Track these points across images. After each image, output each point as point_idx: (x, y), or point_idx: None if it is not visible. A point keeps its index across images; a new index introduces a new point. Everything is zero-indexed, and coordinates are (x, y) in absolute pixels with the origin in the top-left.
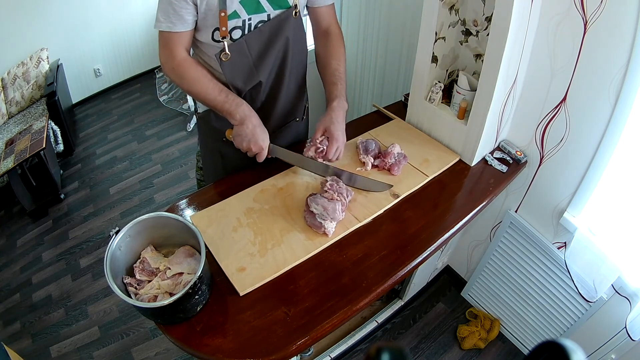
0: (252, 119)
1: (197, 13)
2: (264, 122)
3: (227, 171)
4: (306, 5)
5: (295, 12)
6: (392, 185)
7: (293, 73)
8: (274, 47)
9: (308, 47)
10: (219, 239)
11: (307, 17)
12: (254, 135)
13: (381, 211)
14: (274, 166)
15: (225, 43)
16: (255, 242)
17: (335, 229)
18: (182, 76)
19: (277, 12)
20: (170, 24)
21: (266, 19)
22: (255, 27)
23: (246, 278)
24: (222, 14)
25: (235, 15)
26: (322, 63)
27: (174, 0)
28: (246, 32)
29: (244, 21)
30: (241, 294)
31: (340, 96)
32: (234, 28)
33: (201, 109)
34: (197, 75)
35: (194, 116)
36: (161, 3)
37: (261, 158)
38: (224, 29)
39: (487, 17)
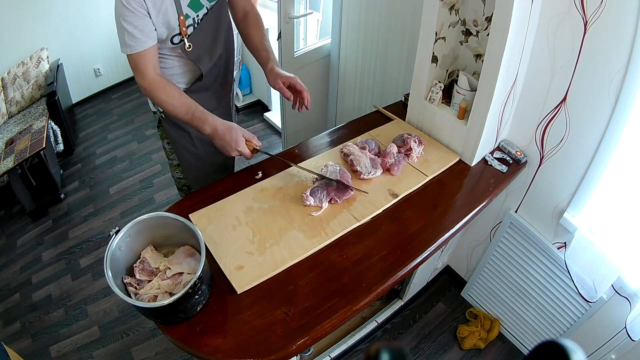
0: (218, 130)
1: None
2: (223, 90)
3: (209, 154)
4: None
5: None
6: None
7: (234, 43)
8: (222, 27)
9: None
10: (218, 238)
11: None
12: (227, 143)
13: (380, 211)
14: (274, 166)
15: (185, 38)
16: (254, 241)
17: (334, 228)
18: (153, 97)
19: (212, 3)
20: (142, 43)
21: (205, 12)
22: (201, 20)
23: (244, 276)
24: (182, 18)
25: (187, 17)
26: (248, 38)
27: (135, 22)
28: (196, 25)
29: (193, 19)
30: (239, 292)
31: (272, 59)
32: (188, 26)
33: None
34: (165, 97)
35: (159, 118)
36: (122, 29)
37: (247, 157)
38: (184, 29)
39: (487, 17)
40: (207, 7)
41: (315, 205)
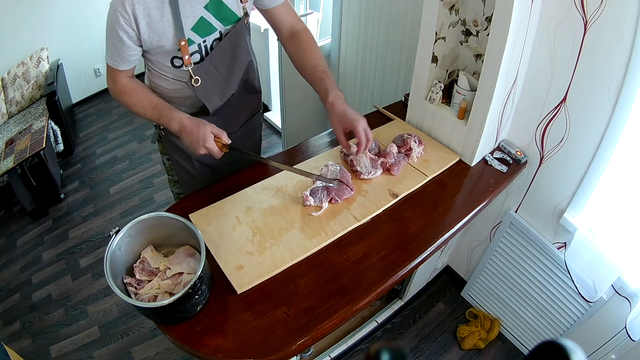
0: (185, 127)
1: (148, 50)
2: (234, 121)
3: (207, 175)
4: (259, 9)
5: (247, 21)
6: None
7: (255, 75)
8: (238, 59)
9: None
10: (218, 238)
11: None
12: (195, 140)
13: (380, 211)
14: (274, 167)
15: (190, 69)
16: (254, 241)
17: (334, 228)
18: (122, 101)
19: (228, 27)
20: (115, 62)
21: (218, 37)
22: (211, 46)
23: (244, 276)
24: (183, 43)
25: (190, 42)
26: (299, 63)
27: (118, 45)
28: (203, 53)
29: (199, 45)
30: (239, 292)
31: (332, 89)
32: (192, 53)
33: None
34: (131, 100)
35: (159, 134)
36: (107, 40)
37: (215, 156)
38: (186, 57)
39: (487, 17)
40: (220, 32)
41: (315, 206)
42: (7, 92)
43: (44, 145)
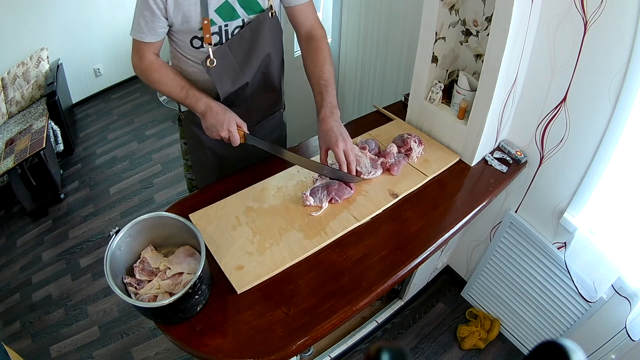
0: (213, 108)
1: (172, 25)
2: (249, 116)
3: (216, 165)
4: (283, 5)
5: (272, 13)
6: (362, 179)
7: (275, 70)
8: (257, 50)
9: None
10: (218, 238)
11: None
12: (219, 122)
13: (380, 211)
14: (274, 166)
15: (210, 49)
16: (254, 241)
17: (334, 228)
18: (148, 78)
19: (252, 16)
20: (143, 35)
21: (241, 24)
22: (233, 33)
23: (244, 276)
24: (205, 22)
25: (212, 23)
26: (307, 70)
27: (148, 16)
28: (224, 37)
29: (220, 27)
30: (239, 292)
31: (326, 104)
32: (212, 34)
33: (184, 107)
34: (160, 77)
35: (179, 116)
36: (135, 14)
37: (234, 142)
38: (207, 35)
39: (487, 17)
40: (243, 20)
41: (315, 205)
42: (7, 92)
43: (44, 145)
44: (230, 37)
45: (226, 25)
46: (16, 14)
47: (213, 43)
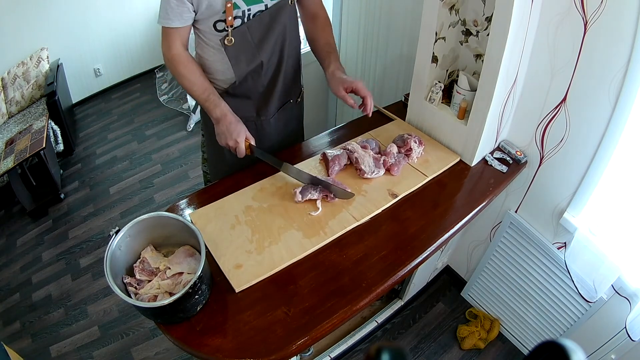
0: (227, 117)
1: (196, 12)
2: (266, 104)
3: (230, 163)
4: None
5: (291, 1)
6: (353, 194)
7: (290, 56)
8: (273, 32)
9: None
10: (217, 237)
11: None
12: (229, 131)
13: (379, 211)
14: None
15: (230, 30)
16: (253, 240)
17: (333, 228)
18: (174, 70)
19: (274, 1)
20: (169, 20)
21: (264, 9)
22: (254, 15)
23: (243, 275)
24: (229, 5)
25: (235, 6)
26: (313, 39)
27: (174, 2)
28: (245, 20)
29: (243, 12)
30: (237, 291)
31: (335, 61)
32: (235, 17)
33: None
34: (186, 72)
35: (192, 114)
36: (162, 2)
37: (240, 153)
38: (229, 18)
39: (487, 17)
40: (266, 5)
41: (313, 203)
42: (7, 92)
43: (44, 145)
44: (250, 19)
45: (249, 10)
46: (16, 14)
47: (234, 26)
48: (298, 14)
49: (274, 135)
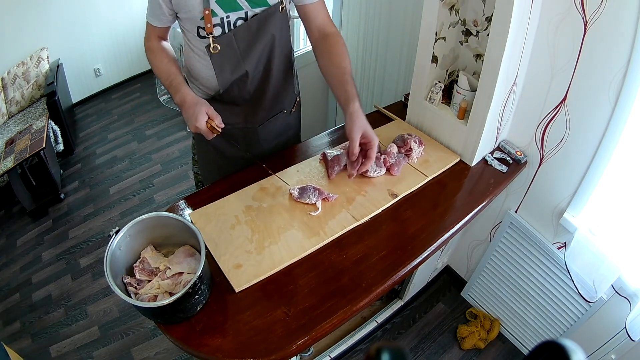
0: (185, 101)
1: (177, 12)
2: (253, 112)
3: (220, 164)
4: (295, 3)
5: (282, 8)
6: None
7: (279, 65)
8: (261, 41)
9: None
10: (217, 237)
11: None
12: (188, 117)
13: (379, 211)
14: (274, 165)
15: (211, 38)
16: (253, 240)
17: (333, 228)
18: (148, 58)
19: (256, 10)
20: (150, 18)
21: (244, 16)
22: (235, 24)
23: (242, 275)
24: (207, 12)
25: (213, 13)
26: (326, 65)
27: (153, 4)
28: (226, 28)
29: (222, 19)
30: (237, 291)
31: (355, 97)
32: (214, 25)
33: None
34: (155, 60)
35: None
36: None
37: (206, 136)
38: (208, 25)
39: (487, 17)
40: (246, 12)
41: (313, 205)
42: (7, 92)
43: (44, 145)
44: (232, 28)
45: (228, 17)
46: (16, 13)
47: (215, 34)
48: (299, 18)
49: (265, 144)
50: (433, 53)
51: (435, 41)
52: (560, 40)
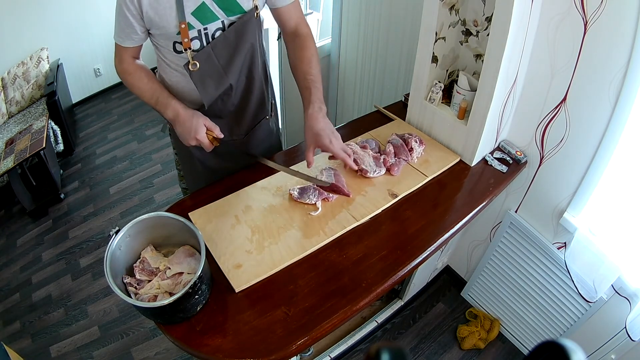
0: (180, 115)
1: (150, 29)
2: (238, 123)
3: (208, 177)
4: (269, 6)
5: (257, 14)
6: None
7: (260, 73)
8: (241, 51)
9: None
10: (217, 237)
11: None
12: (187, 130)
13: (379, 211)
14: (270, 169)
15: (189, 54)
16: (253, 240)
17: (333, 228)
18: (125, 82)
19: (232, 18)
20: (120, 39)
21: (221, 26)
22: (213, 35)
23: (242, 275)
24: (183, 26)
25: (190, 26)
26: (293, 67)
27: (122, 23)
28: (204, 41)
29: (199, 31)
30: (236, 290)
31: (314, 101)
32: (192, 39)
33: None
34: (134, 81)
35: (169, 126)
36: (115, 17)
37: (206, 148)
38: (185, 40)
39: (487, 17)
40: (223, 22)
41: (313, 205)
42: (7, 92)
43: (44, 145)
44: (211, 39)
45: (205, 29)
46: (16, 13)
47: (193, 48)
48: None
49: (249, 152)
50: (433, 53)
51: (435, 41)
52: (560, 40)
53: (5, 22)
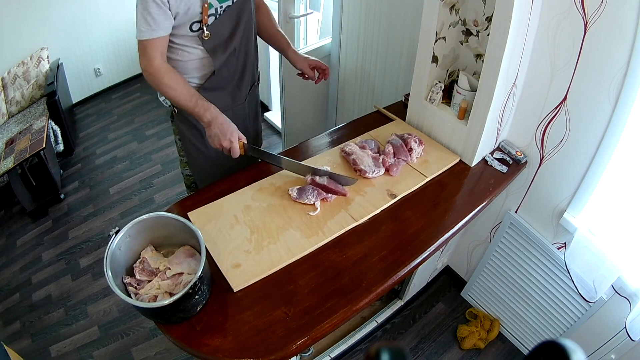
0: (218, 118)
1: (175, 16)
2: (238, 89)
3: (209, 164)
4: None
5: None
6: (356, 180)
7: (253, 40)
8: (242, 22)
9: None
10: (216, 236)
11: None
12: (222, 132)
13: (378, 211)
14: (273, 165)
15: (205, 28)
16: (252, 240)
17: (332, 227)
18: (158, 82)
19: None
20: (152, 32)
21: (231, 4)
22: (225, 10)
23: (241, 274)
24: (205, 5)
25: (210, 6)
26: (264, 27)
27: (153, 12)
28: (217, 17)
29: (216, 9)
30: (235, 290)
31: (290, 46)
32: (209, 16)
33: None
34: (171, 82)
35: (172, 112)
36: (140, 15)
37: (234, 153)
38: (205, 17)
39: (487, 17)
40: (232, 0)
41: (312, 205)
42: (7, 92)
43: (44, 145)
44: (221, 14)
45: (221, 7)
46: (16, 13)
47: (208, 23)
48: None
49: (247, 120)
50: (433, 53)
51: (436, 41)
52: (560, 40)
53: (6, 22)
